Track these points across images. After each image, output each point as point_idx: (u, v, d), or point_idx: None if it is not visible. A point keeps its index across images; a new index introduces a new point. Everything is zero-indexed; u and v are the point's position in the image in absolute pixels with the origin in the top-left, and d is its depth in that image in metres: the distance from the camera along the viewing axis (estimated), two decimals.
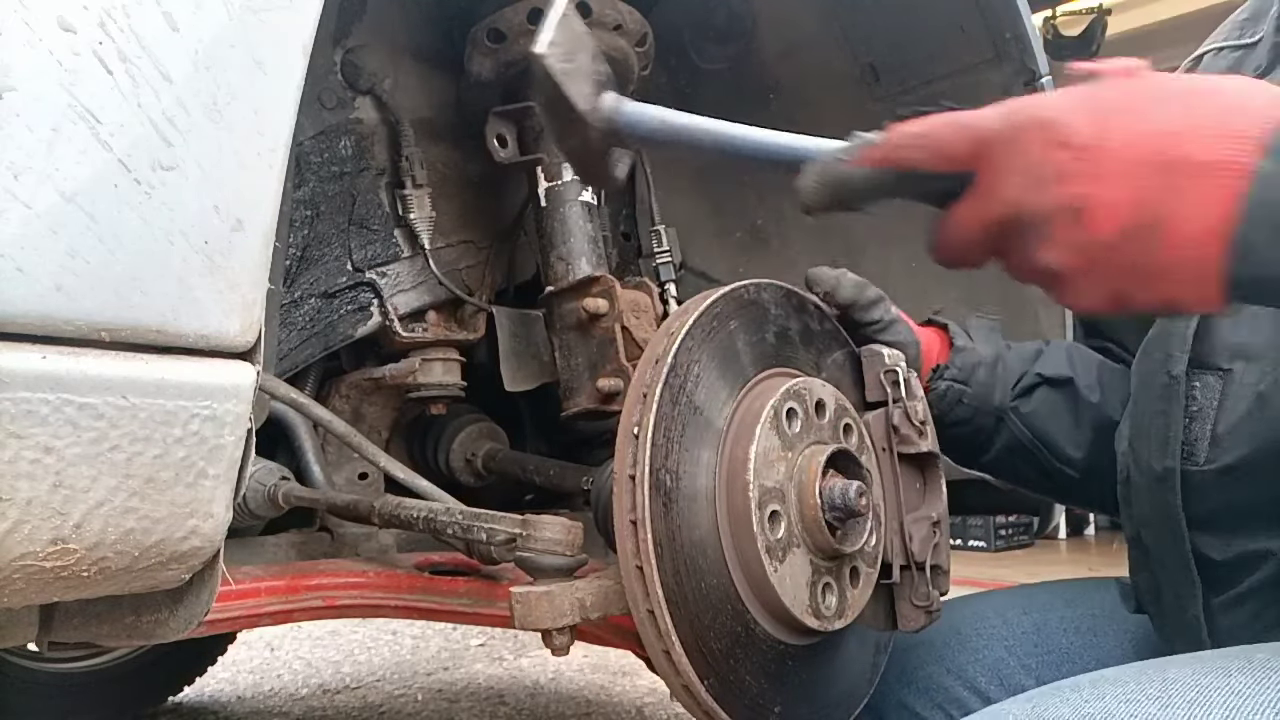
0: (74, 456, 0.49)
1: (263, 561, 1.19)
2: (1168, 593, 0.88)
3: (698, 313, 0.80)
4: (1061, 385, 1.06)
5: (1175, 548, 0.85)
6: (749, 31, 1.52)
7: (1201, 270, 0.52)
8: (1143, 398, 0.90)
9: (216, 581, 0.61)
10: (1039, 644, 1.04)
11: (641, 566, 0.73)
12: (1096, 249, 0.54)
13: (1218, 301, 0.54)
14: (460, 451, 1.38)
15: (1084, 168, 0.54)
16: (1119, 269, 0.54)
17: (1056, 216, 0.54)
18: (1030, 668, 1.02)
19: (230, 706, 2.57)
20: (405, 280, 1.26)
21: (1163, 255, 0.53)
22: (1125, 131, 0.53)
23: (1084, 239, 0.54)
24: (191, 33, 0.53)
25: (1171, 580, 0.87)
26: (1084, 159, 0.54)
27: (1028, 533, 6.04)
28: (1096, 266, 0.55)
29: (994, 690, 1.02)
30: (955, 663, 1.04)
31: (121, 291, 0.50)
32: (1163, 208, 0.52)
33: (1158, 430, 0.87)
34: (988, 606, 1.10)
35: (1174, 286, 0.54)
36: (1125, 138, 0.53)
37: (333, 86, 1.21)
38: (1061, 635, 1.04)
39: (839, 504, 0.79)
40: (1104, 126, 0.54)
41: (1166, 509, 0.85)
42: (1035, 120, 0.56)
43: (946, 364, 1.06)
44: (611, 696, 2.65)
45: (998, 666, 1.03)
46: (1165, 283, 0.54)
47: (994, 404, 1.06)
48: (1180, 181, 0.51)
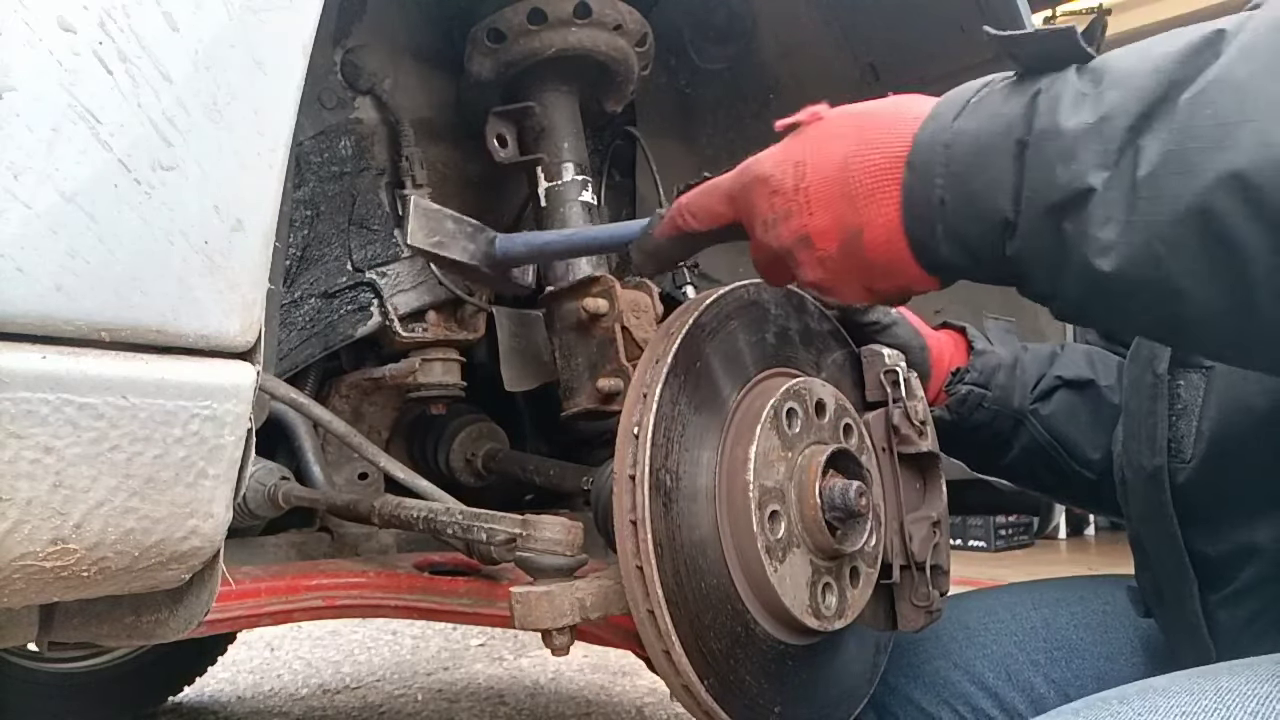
0: (74, 456, 0.49)
1: (263, 561, 1.19)
2: (1167, 591, 0.88)
3: (698, 312, 0.81)
4: (1082, 388, 1.06)
5: (1170, 545, 0.85)
6: (749, 31, 1.52)
7: (902, 261, 0.64)
8: (1133, 398, 0.91)
9: (216, 581, 0.61)
10: (1048, 639, 1.04)
11: (641, 566, 0.73)
12: (831, 262, 0.66)
13: (930, 281, 0.65)
14: (460, 451, 1.38)
15: (796, 207, 0.66)
16: (853, 272, 0.66)
17: (794, 247, 0.67)
18: (1039, 664, 1.02)
19: (230, 706, 2.57)
20: (405, 280, 1.26)
21: (872, 257, 0.64)
22: (814, 171, 0.66)
23: (819, 257, 0.67)
24: (191, 33, 0.53)
25: (1169, 578, 0.87)
26: (794, 201, 0.67)
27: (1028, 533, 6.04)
28: (839, 274, 0.67)
29: (1002, 686, 1.02)
30: (963, 658, 1.04)
31: (121, 291, 0.50)
32: (856, 223, 0.64)
33: (1146, 429, 0.87)
34: (997, 601, 1.10)
35: (894, 276, 0.65)
36: (815, 177, 0.66)
37: (333, 86, 1.21)
38: (1071, 631, 1.04)
39: (839, 504, 0.79)
40: (801, 172, 0.66)
41: (1159, 507, 0.86)
42: (755, 178, 0.70)
43: (966, 368, 1.06)
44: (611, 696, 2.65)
45: (1006, 662, 1.03)
46: (888, 275, 0.65)
47: (1013, 407, 1.06)
48: (859, 201, 0.63)
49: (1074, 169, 0.53)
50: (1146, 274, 0.52)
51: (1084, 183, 0.53)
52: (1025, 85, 0.58)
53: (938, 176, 0.60)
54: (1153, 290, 0.53)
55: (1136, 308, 0.56)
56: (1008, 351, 1.08)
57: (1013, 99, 0.58)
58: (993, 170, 0.57)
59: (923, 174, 0.61)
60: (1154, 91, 0.52)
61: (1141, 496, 0.89)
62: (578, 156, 1.26)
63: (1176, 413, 0.86)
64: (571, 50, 1.19)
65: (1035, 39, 0.58)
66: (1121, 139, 0.52)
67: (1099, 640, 1.02)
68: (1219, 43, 0.51)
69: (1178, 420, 0.85)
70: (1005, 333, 1.11)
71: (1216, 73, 0.50)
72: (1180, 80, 0.51)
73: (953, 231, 0.60)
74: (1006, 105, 0.58)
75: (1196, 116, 0.50)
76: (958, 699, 1.02)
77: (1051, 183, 0.55)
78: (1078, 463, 1.06)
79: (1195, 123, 0.50)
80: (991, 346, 1.08)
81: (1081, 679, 1.00)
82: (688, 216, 0.76)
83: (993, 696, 1.01)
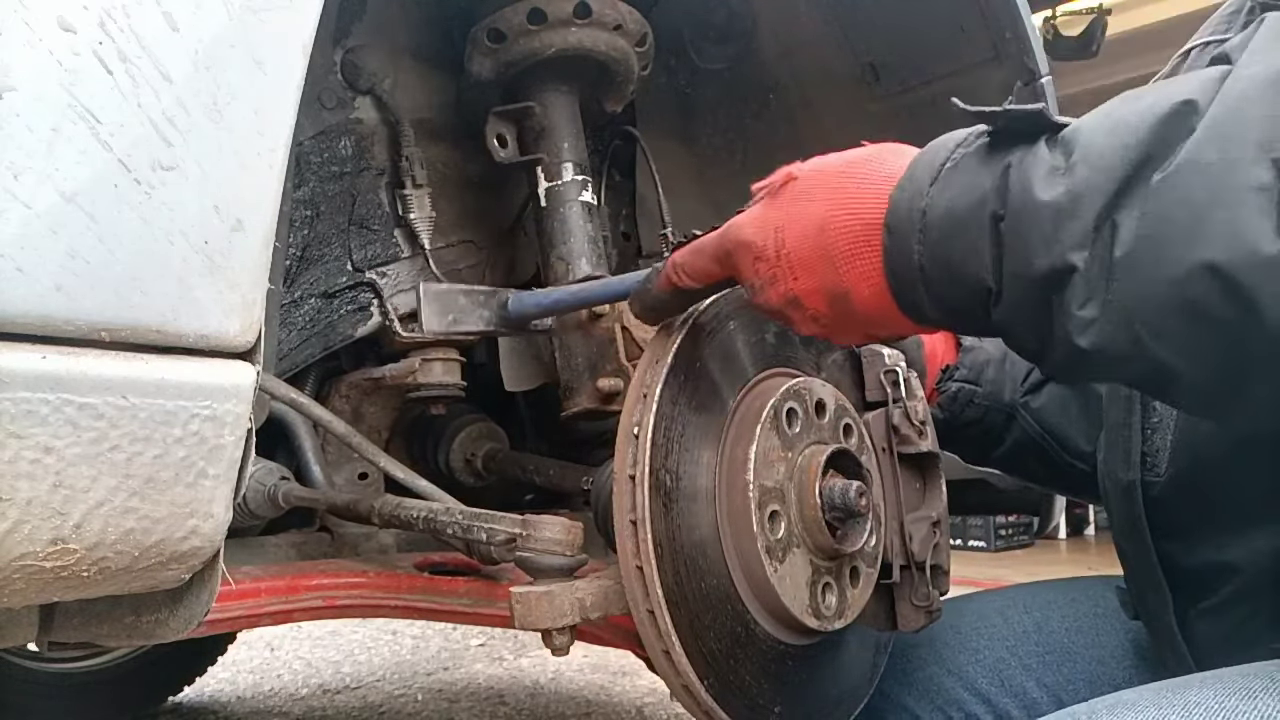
0: (74, 456, 0.49)
1: (263, 561, 1.18)
2: (1147, 601, 0.89)
3: (698, 313, 0.80)
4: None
5: (1144, 558, 0.86)
6: (749, 31, 1.52)
7: (893, 316, 0.64)
8: (1111, 411, 0.92)
9: (216, 581, 0.61)
10: (1040, 643, 1.04)
11: (641, 566, 0.73)
12: (825, 319, 0.67)
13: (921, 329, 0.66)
14: (460, 451, 1.38)
15: (780, 272, 0.67)
16: (849, 326, 0.67)
17: (785, 308, 0.68)
18: (1031, 668, 1.02)
19: (230, 706, 2.57)
20: (405, 280, 1.26)
21: (863, 313, 0.64)
22: (793, 237, 0.66)
23: (811, 315, 0.67)
24: (191, 33, 0.53)
25: (1146, 589, 0.88)
26: (778, 266, 0.67)
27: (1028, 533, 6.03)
28: (835, 328, 0.68)
29: (994, 692, 1.01)
30: (956, 663, 1.04)
31: (121, 291, 0.50)
32: (841, 285, 0.64)
33: (1122, 442, 0.88)
34: (989, 605, 1.10)
35: (889, 327, 0.66)
36: (794, 242, 0.66)
37: (333, 86, 1.21)
38: (1064, 635, 1.04)
39: (839, 504, 0.79)
40: (780, 238, 0.66)
41: (1133, 520, 0.86)
42: (738, 243, 0.70)
43: (956, 365, 1.06)
44: (611, 696, 2.65)
45: (998, 667, 1.03)
46: (883, 326, 0.66)
47: (1004, 401, 1.06)
48: (840, 264, 0.63)
49: (1055, 249, 0.53)
50: (1128, 351, 0.52)
51: (1065, 262, 0.53)
52: (998, 155, 0.58)
53: (916, 243, 0.59)
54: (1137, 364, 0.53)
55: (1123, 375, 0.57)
56: (996, 346, 1.08)
57: (985, 170, 0.58)
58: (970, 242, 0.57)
59: (900, 240, 0.60)
60: (1125, 170, 0.51)
61: (1119, 508, 0.89)
62: (578, 156, 1.26)
63: (1152, 426, 0.86)
64: (571, 50, 1.19)
65: (1005, 116, 0.58)
66: (1097, 217, 0.52)
67: (1091, 643, 1.02)
68: (1190, 116, 0.51)
69: (1152, 434, 0.86)
70: None
71: (1186, 154, 0.50)
72: (1152, 157, 0.51)
73: (936, 296, 0.60)
74: (979, 176, 0.58)
75: (1168, 200, 0.50)
76: (951, 705, 1.02)
77: (1032, 260, 0.54)
78: (1070, 454, 1.06)
79: (1167, 207, 0.50)
80: (979, 342, 1.08)
81: (1074, 683, 1.00)
82: (681, 274, 0.76)
83: (986, 702, 1.01)
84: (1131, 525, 0.87)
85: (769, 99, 1.55)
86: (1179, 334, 0.50)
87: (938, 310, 0.61)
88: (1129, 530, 0.88)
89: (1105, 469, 0.92)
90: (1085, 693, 0.99)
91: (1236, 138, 0.48)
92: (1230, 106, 0.50)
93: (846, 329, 0.68)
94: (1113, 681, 0.99)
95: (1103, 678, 1.00)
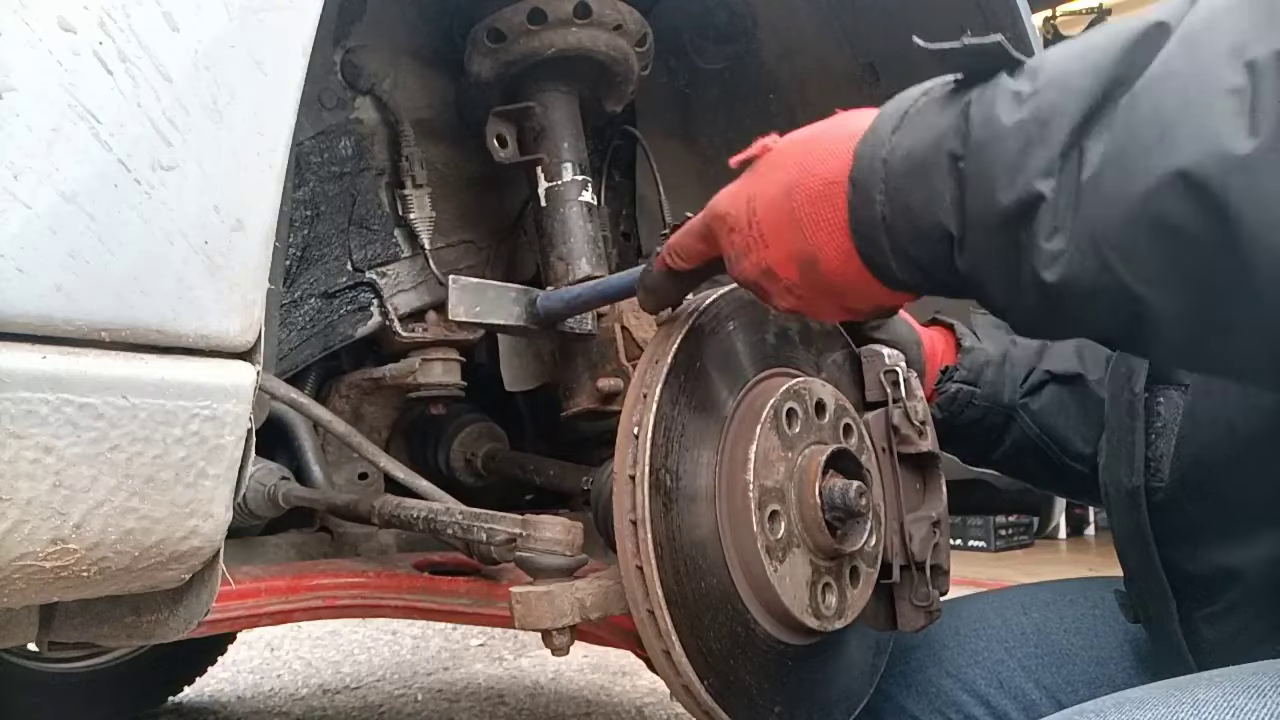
0: (74, 456, 0.49)
1: (263, 561, 1.18)
2: (1149, 607, 0.89)
3: (698, 313, 0.81)
4: (1070, 381, 1.06)
5: (1148, 564, 0.86)
6: (749, 31, 1.52)
7: (863, 281, 0.62)
8: (1113, 415, 0.91)
9: (216, 581, 0.61)
10: (1039, 645, 1.04)
11: (641, 566, 0.73)
12: (798, 289, 0.66)
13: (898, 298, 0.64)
14: (460, 451, 1.38)
15: (752, 242, 0.66)
16: (822, 296, 0.65)
17: (759, 279, 0.67)
18: (1030, 669, 1.02)
19: (230, 706, 2.57)
20: (405, 280, 1.26)
21: (833, 280, 0.63)
22: (762, 203, 0.65)
23: (785, 286, 0.66)
24: (191, 33, 0.53)
25: (1150, 594, 0.87)
26: (750, 236, 0.66)
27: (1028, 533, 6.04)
28: (809, 299, 0.66)
29: (993, 693, 1.01)
30: (954, 665, 1.04)
31: (121, 292, 0.50)
32: (808, 249, 0.63)
33: (1125, 447, 0.87)
34: (987, 606, 1.10)
35: (862, 296, 0.64)
36: (763, 210, 0.65)
37: (333, 86, 1.21)
38: (1062, 635, 1.04)
39: (839, 504, 0.79)
40: (751, 207, 0.66)
41: (1137, 526, 0.86)
42: (715, 216, 0.70)
43: (955, 365, 1.06)
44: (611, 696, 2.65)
45: (997, 668, 1.03)
46: (856, 295, 0.64)
47: (1004, 402, 1.06)
48: (807, 228, 0.63)
49: (1021, 178, 0.51)
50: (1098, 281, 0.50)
51: (1032, 190, 0.51)
52: (959, 95, 0.56)
53: (878, 193, 0.58)
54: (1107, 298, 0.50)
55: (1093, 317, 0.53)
56: (996, 347, 1.08)
57: (947, 110, 0.57)
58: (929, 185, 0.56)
59: (864, 191, 0.59)
60: (1094, 92, 0.50)
61: (1121, 514, 0.89)
62: (578, 156, 1.26)
63: (1156, 431, 0.85)
64: (571, 50, 1.19)
65: (963, 52, 0.56)
66: (1064, 143, 0.50)
67: (1090, 644, 1.02)
68: (1159, 37, 0.49)
69: (1156, 439, 0.85)
70: (994, 326, 1.11)
71: (1156, 69, 0.48)
72: (1121, 78, 0.49)
73: (899, 249, 0.58)
74: (940, 116, 0.56)
75: (1137, 115, 0.48)
76: (950, 706, 1.02)
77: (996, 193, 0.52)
78: (1069, 456, 1.06)
79: (1136, 122, 0.48)
80: (979, 343, 1.08)
81: (1073, 684, 1.00)
82: (675, 256, 0.76)
83: (985, 703, 1.01)
84: (1135, 531, 0.86)
85: (769, 99, 1.55)
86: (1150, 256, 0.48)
87: (905, 268, 0.59)
88: (1132, 536, 0.87)
89: (1108, 475, 0.92)
90: (1084, 694, 0.99)
91: (1207, 44, 0.46)
92: (1202, 18, 0.48)
93: (820, 301, 0.66)
94: (1112, 683, 0.99)
95: (1101, 679, 1.00)
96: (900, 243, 0.58)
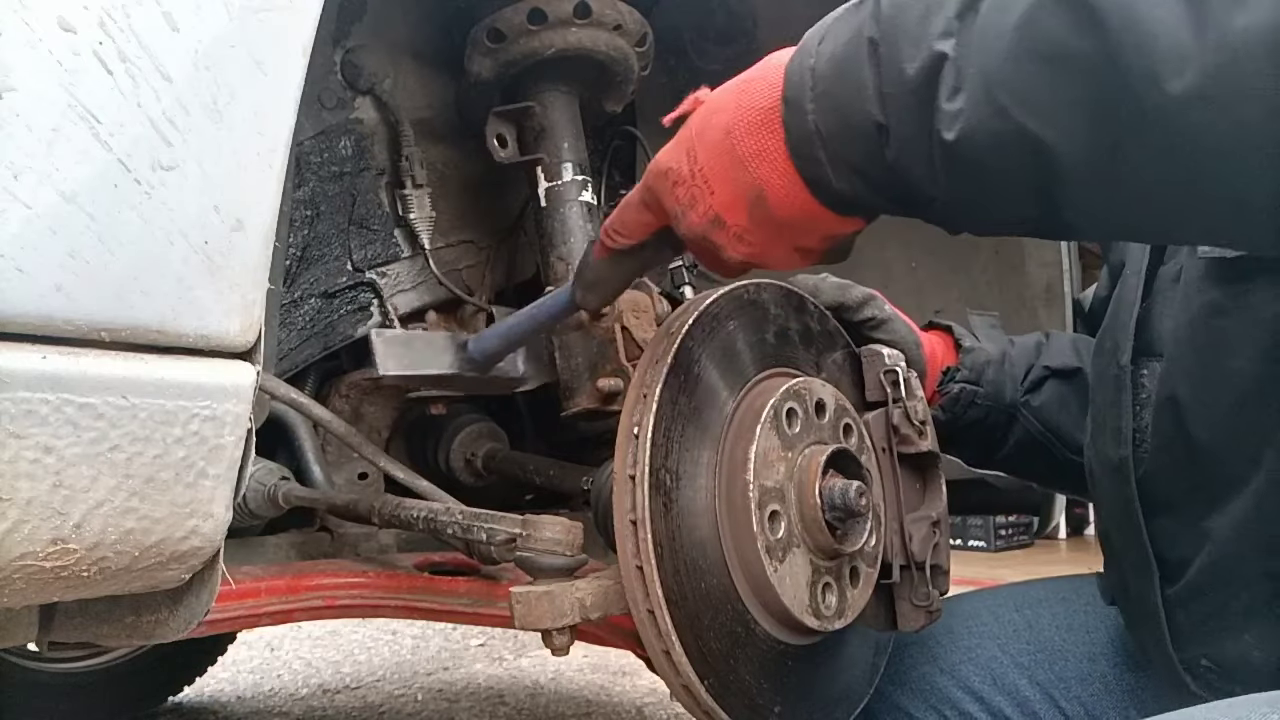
0: (74, 456, 0.49)
1: (263, 561, 1.19)
2: (1131, 584, 0.89)
3: (698, 313, 0.80)
4: (1069, 376, 1.07)
5: (1134, 537, 0.86)
6: (749, 31, 1.52)
7: (809, 209, 0.62)
8: (1099, 391, 0.91)
9: (216, 581, 0.61)
10: (1031, 641, 1.04)
11: (641, 566, 0.73)
12: (748, 234, 0.65)
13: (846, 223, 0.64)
14: (460, 451, 1.38)
15: (698, 190, 0.66)
16: (772, 237, 0.65)
17: (708, 230, 0.66)
18: (1023, 665, 1.02)
19: (230, 706, 2.57)
20: (405, 280, 1.26)
21: (781, 214, 0.63)
22: (703, 149, 0.65)
23: (735, 234, 0.65)
24: (191, 33, 0.53)
25: (1133, 570, 0.87)
26: (694, 184, 0.66)
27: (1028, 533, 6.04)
28: (760, 244, 0.66)
29: (987, 689, 1.02)
30: (948, 662, 1.04)
31: (121, 291, 0.50)
32: (753, 184, 0.63)
33: (1111, 421, 0.88)
34: (981, 604, 1.10)
35: (812, 228, 0.64)
36: (705, 155, 0.65)
37: (333, 86, 1.21)
38: (1054, 632, 1.04)
39: (839, 504, 0.79)
40: (692, 155, 0.66)
41: (1124, 500, 0.86)
42: (656, 175, 0.69)
43: (956, 367, 1.06)
44: (611, 696, 2.65)
45: (991, 665, 1.03)
46: (806, 229, 0.64)
47: (1005, 401, 1.06)
48: (750, 162, 0.62)
49: (923, 44, 0.53)
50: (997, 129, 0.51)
51: (934, 51, 0.53)
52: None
53: (809, 103, 0.59)
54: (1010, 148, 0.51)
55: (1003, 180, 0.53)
56: (995, 346, 1.08)
57: (863, 6, 0.58)
58: (853, 77, 0.57)
59: (796, 106, 0.60)
60: None
61: (1108, 489, 0.89)
62: (577, 156, 1.26)
63: (1141, 403, 0.86)
64: (571, 50, 1.19)
65: None
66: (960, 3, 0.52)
67: (1081, 640, 1.02)
68: None
69: (1141, 410, 0.86)
70: (991, 326, 1.12)
71: None
72: None
73: (835, 156, 0.59)
74: (857, 14, 0.58)
75: None
76: (944, 704, 1.02)
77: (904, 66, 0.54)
78: (1071, 450, 1.06)
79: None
80: (979, 343, 1.08)
81: (1065, 680, 1.00)
82: (613, 234, 0.75)
83: (979, 700, 1.01)
84: (1122, 505, 0.86)
85: None
86: (1037, 86, 0.49)
87: (842, 175, 0.59)
88: (1118, 510, 0.87)
89: (1093, 450, 0.92)
90: (1077, 689, 0.99)
91: None
92: None
93: (771, 243, 0.66)
94: (1103, 679, 0.99)
95: (1093, 674, 1.00)
96: (834, 147, 0.59)
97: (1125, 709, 0.96)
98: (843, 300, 0.99)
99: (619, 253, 0.76)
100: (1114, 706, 0.97)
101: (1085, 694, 0.99)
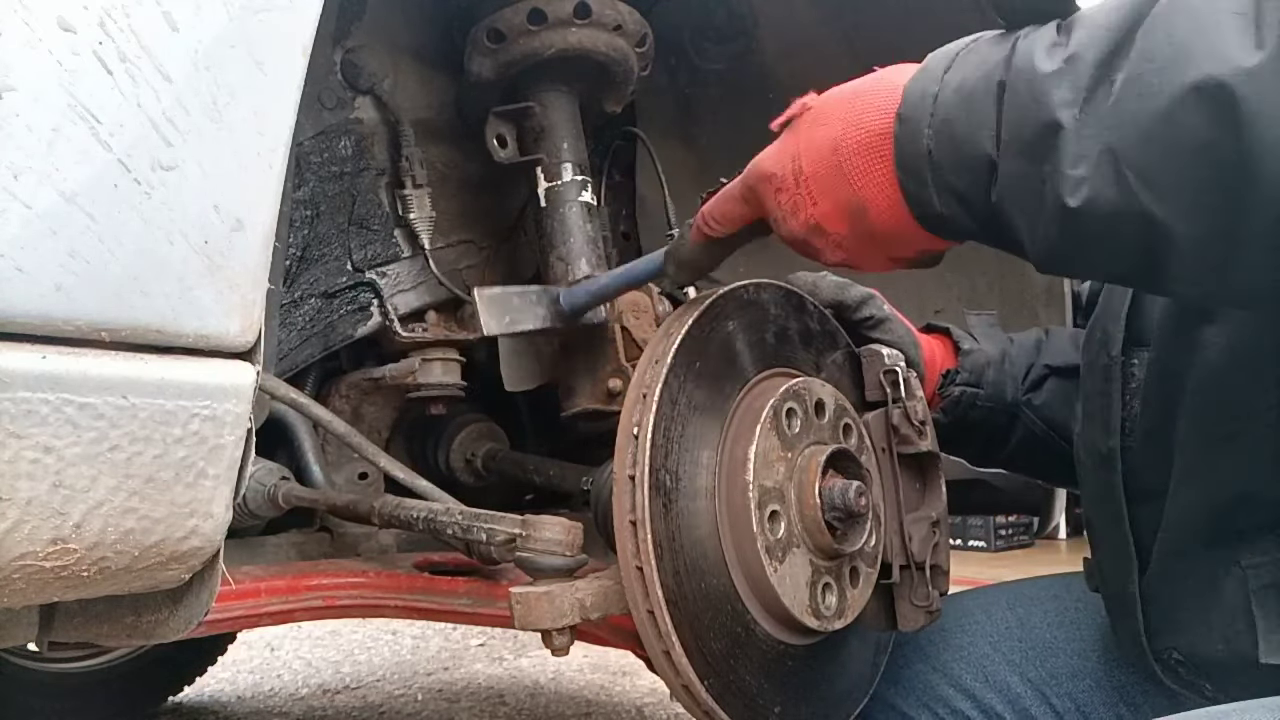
0: (74, 456, 0.49)
1: (263, 561, 1.19)
2: (1110, 572, 0.89)
3: (697, 313, 0.81)
4: (1069, 374, 1.07)
5: (1116, 525, 0.86)
6: (749, 31, 1.52)
7: (907, 225, 0.65)
8: (1088, 381, 0.92)
9: (216, 581, 0.61)
10: (1023, 639, 1.04)
11: (641, 566, 0.73)
12: (847, 242, 0.69)
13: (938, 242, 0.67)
14: (460, 451, 1.38)
15: (800, 199, 0.69)
16: (870, 247, 0.69)
17: (809, 236, 0.70)
18: (1015, 663, 1.02)
19: (230, 706, 2.57)
20: (405, 280, 1.26)
21: (880, 228, 0.66)
22: (809, 160, 0.68)
23: (834, 241, 0.69)
24: (191, 33, 0.53)
25: (1112, 557, 0.88)
26: (797, 192, 0.69)
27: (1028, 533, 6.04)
28: (857, 251, 0.69)
29: (979, 687, 1.02)
30: (940, 660, 1.04)
31: (121, 291, 0.50)
32: (856, 199, 0.66)
33: (1100, 411, 0.88)
34: (973, 602, 1.10)
35: (907, 243, 0.67)
36: (810, 165, 0.68)
37: (333, 86, 1.21)
38: (1045, 629, 1.04)
39: (839, 504, 0.79)
40: (797, 164, 0.69)
41: (1110, 489, 0.87)
42: (759, 176, 0.73)
43: (956, 369, 1.06)
44: (611, 696, 2.65)
45: (983, 662, 1.03)
46: (901, 243, 0.67)
47: (1007, 401, 1.06)
48: (855, 179, 0.66)
49: (1046, 107, 0.55)
50: (1118, 204, 0.53)
51: (1052, 118, 0.55)
52: (1010, 35, 0.61)
53: (926, 126, 0.62)
54: (1127, 222, 0.53)
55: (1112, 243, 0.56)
56: (994, 347, 1.08)
57: (998, 47, 0.61)
58: (976, 114, 0.59)
59: (912, 126, 0.62)
60: (1119, 27, 0.54)
61: (1094, 478, 0.89)
62: (577, 156, 1.26)
63: (1130, 393, 0.87)
64: (571, 50, 1.19)
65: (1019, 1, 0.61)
66: (1090, 76, 0.54)
67: (1072, 637, 1.03)
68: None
69: (1131, 399, 0.86)
70: (989, 326, 1.12)
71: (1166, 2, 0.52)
72: (1139, 14, 0.53)
73: (942, 182, 0.62)
74: (992, 52, 0.61)
75: (1152, 41, 0.52)
76: (937, 702, 1.02)
77: (1024, 121, 0.56)
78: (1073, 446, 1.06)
79: (1151, 47, 0.52)
80: (977, 344, 1.08)
81: (1056, 676, 1.00)
82: (711, 223, 0.79)
83: (971, 698, 1.01)
84: (1107, 492, 0.87)
85: (769, 99, 1.55)
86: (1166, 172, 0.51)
87: (945, 200, 0.62)
88: (1102, 497, 0.88)
89: (1082, 440, 0.93)
90: (1068, 686, 0.99)
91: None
92: None
93: (867, 251, 0.69)
94: (1093, 675, 0.99)
95: (1084, 671, 1.00)
96: (942, 173, 0.61)
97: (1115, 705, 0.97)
98: (841, 299, 1.00)
99: (713, 239, 0.80)
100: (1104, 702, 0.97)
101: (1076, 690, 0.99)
